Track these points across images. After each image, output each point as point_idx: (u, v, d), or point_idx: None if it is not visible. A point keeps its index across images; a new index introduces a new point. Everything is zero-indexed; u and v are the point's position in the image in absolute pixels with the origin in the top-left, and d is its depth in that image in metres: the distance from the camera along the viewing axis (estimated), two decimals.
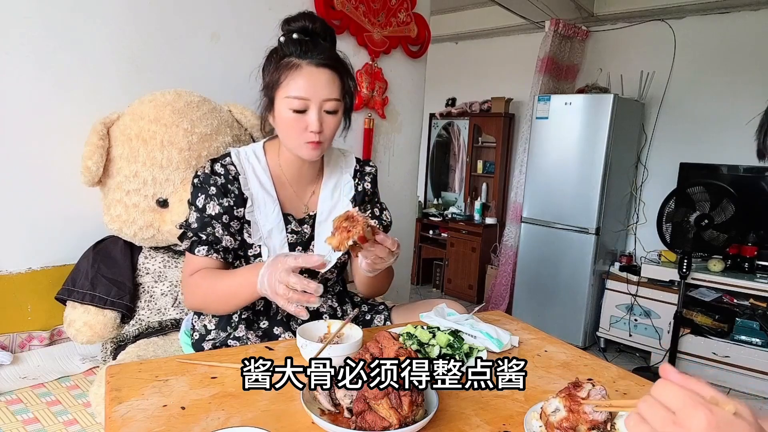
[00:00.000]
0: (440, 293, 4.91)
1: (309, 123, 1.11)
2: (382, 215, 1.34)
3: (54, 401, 1.39)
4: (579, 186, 3.56)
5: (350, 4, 2.27)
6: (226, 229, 1.15)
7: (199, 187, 1.16)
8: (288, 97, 1.10)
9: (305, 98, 1.10)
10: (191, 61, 1.88)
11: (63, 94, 1.61)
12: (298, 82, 1.10)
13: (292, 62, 1.11)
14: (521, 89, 4.42)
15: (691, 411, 0.44)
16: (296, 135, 1.13)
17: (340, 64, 1.16)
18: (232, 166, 1.18)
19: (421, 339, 1.01)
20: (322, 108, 1.12)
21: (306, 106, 1.11)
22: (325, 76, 1.12)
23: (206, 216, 1.14)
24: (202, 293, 1.13)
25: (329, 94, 1.12)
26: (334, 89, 1.13)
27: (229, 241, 1.15)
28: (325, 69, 1.12)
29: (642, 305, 3.48)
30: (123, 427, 0.73)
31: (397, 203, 2.65)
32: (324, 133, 1.14)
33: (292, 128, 1.13)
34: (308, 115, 1.11)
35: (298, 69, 1.11)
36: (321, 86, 1.11)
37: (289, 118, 1.12)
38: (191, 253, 1.14)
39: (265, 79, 1.16)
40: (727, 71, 3.45)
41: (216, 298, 1.11)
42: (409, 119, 2.72)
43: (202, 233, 1.14)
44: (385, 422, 0.72)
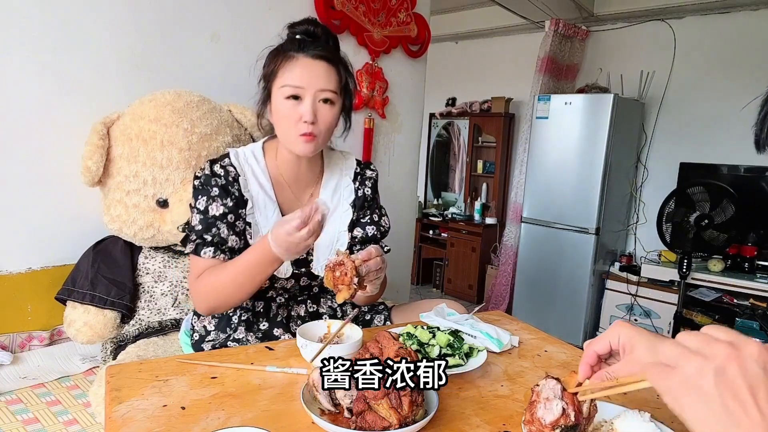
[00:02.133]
0: (440, 293, 4.91)
1: (303, 112, 1.10)
2: (381, 221, 1.32)
3: (54, 401, 1.40)
4: (579, 186, 3.56)
5: (350, 4, 2.27)
6: (232, 229, 1.14)
7: (200, 189, 1.15)
8: (283, 86, 1.11)
9: (299, 86, 1.10)
10: (191, 61, 1.88)
11: (63, 93, 1.61)
12: (294, 71, 1.10)
13: (289, 54, 1.12)
14: (521, 89, 4.42)
15: (714, 345, 0.46)
16: (290, 126, 1.12)
17: (338, 59, 1.16)
18: (232, 167, 1.17)
19: (421, 339, 1.01)
20: (316, 98, 1.11)
21: (300, 94, 1.11)
22: (322, 67, 1.12)
23: (210, 217, 1.13)
24: (213, 288, 1.09)
25: (325, 85, 1.11)
26: (331, 81, 1.12)
27: (234, 241, 1.14)
28: (321, 61, 1.12)
29: (642, 305, 3.48)
30: (123, 427, 0.73)
31: (397, 203, 2.65)
32: (318, 125, 1.12)
33: (287, 118, 1.12)
34: (302, 104, 1.11)
35: (295, 59, 1.11)
36: (316, 76, 1.11)
37: (284, 107, 1.11)
38: (197, 255, 1.11)
39: (264, 73, 1.17)
40: (727, 71, 3.45)
41: (231, 285, 1.07)
42: (409, 119, 2.72)
43: (207, 235, 1.12)
44: (385, 422, 0.72)
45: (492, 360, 1.02)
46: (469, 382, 0.93)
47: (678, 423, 0.83)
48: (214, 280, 1.09)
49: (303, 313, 1.29)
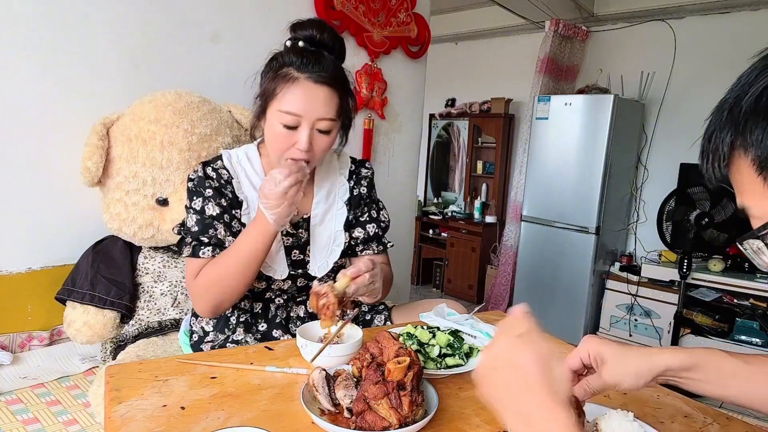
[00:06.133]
0: (440, 293, 4.91)
1: (298, 141, 1.07)
2: (380, 215, 1.32)
3: (54, 401, 1.39)
4: (579, 186, 3.56)
5: (350, 4, 2.27)
6: (229, 229, 1.14)
7: (194, 190, 1.14)
8: (281, 110, 1.06)
9: (297, 114, 1.06)
10: (191, 62, 1.88)
11: (63, 94, 1.61)
12: (293, 97, 1.06)
13: (290, 74, 1.07)
14: (521, 90, 4.42)
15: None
16: (283, 150, 1.10)
17: (340, 83, 1.11)
18: (224, 170, 1.16)
19: (421, 339, 1.01)
20: (314, 127, 1.08)
21: (297, 122, 1.07)
22: (323, 93, 1.07)
23: (207, 217, 1.13)
24: (214, 281, 1.08)
25: (324, 114, 1.08)
26: (330, 108, 1.09)
27: (231, 242, 1.13)
28: (323, 86, 1.07)
29: (642, 305, 3.48)
30: (123, 427, 0.73)
31: (396, 204, 2.65)
32: (313, 152, 1.10)
33: (280, 143, 1.09)
34: (299, 132, 1.07)
35: (295, 83, 1.06)
36: (316, 104, 1.07)
37: (279, 132, 1.08)
38: (195, 257, 1.11)
39: (262, 86, 1.13)
40: (727, 71, 3.42)
41: (233, 271, 1.07)
42: (408, 119, 2.72)
43: (204, 236, 1.12)
44: (385, 422, 0.72)
45: None
46: (469, 382, 0.92)
47: (666, 424, 0.83)
48: (213, 271, 1.09)
49: (302, 314, 1.28)
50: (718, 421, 0.84)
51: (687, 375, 0.70)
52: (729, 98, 0.56)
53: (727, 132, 0.55)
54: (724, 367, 0.70)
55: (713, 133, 0.57)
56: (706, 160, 0.58)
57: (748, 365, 0.69)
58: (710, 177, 0.59)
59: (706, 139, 0.58)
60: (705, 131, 0.58)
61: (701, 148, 0.59)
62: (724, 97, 0.57)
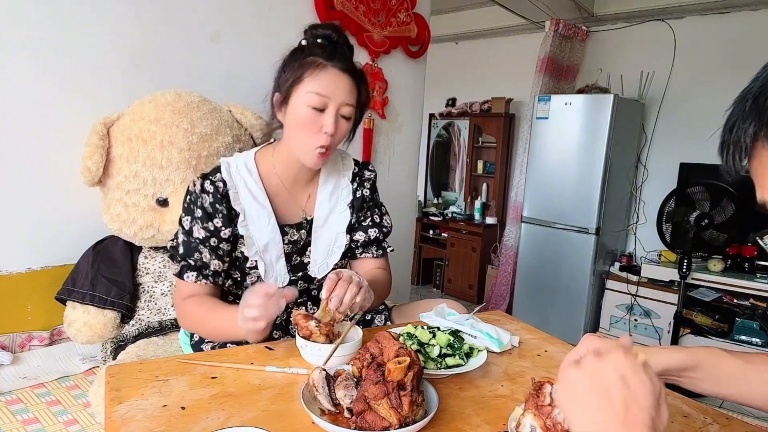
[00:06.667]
0: (440, 293, 4.91)
1: (325, 124, 1.11)
2: (383, 221, 1.32)
3: (54, 401, 1.40)
4: (579, 186, 3.56)
5: (350, 4, 2.27)
6: (214, 252, 1.14)
7: (187, 207, 1.16)
8: (310, 92, 1.10)
9: (326, 96, 1.10)
10: (191, 61, 1.88)
11: (63, 94, 1.61)
12: (323, 80, 1.10)
13: (318, 61, 1.12)
14: (521, 89, 4.42)
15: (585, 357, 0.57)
16: (309, 135, 1.12)
17: (361, 76, 1.18)
18: (221, 182, 1.16)
19: (421, 339, 1.01)
20: (339, 111, 1.12)
21: (325, 104, 1.11)
22: (348, 81, 1.13)
23: (193, 240, 1.13)
24: (195, 323, 1.14)
25: (348, 99, 1.13)
26: (353, 96, 1.14)
27: (217, 265, 1.14)
28: (347, 75, 1.13)
29: (642, 305, 3.48)
30: (123, 427, 0.73)
31: (397, 203, 2.65)
32: (335, 138, 1.14)
33: (307, 127, 1.12)
34: (325, 115, 1.11)
35: (324, 68, 1.11)
36: (342, 89, 1.12)
37: (306, 115, 1.11)
38: (180, 278, 1.13)
39: (286, 74, 1.15)
40: (727, 71, 3.45)
41: (208, 330, 1.13)
42: (409, 119, 2.72)
43: (190, 259, 1.13)
44: (385, 422, 0.72)
45: (492, 360, 1.02)
46: (469, 382, 0.93)
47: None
48: (195, 314, 1.12)
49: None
50: (718, 421, 0.84)
51: (687, 374, 0.70)
52: (753, 88, 0.52)
53: (750, 122, 0.52)
54: (724, 366, 0.69)
55: (735, 123, 0.53)
56: (726, 152, 0.55)
57: (748, 364, 0.69)
58: (729, 169, 0.55)
59: (727, 130, 0.54)
60: (726, 122, 0.54)
61: (721, 139, 0.56)
62: (747, 86, 0.53)
